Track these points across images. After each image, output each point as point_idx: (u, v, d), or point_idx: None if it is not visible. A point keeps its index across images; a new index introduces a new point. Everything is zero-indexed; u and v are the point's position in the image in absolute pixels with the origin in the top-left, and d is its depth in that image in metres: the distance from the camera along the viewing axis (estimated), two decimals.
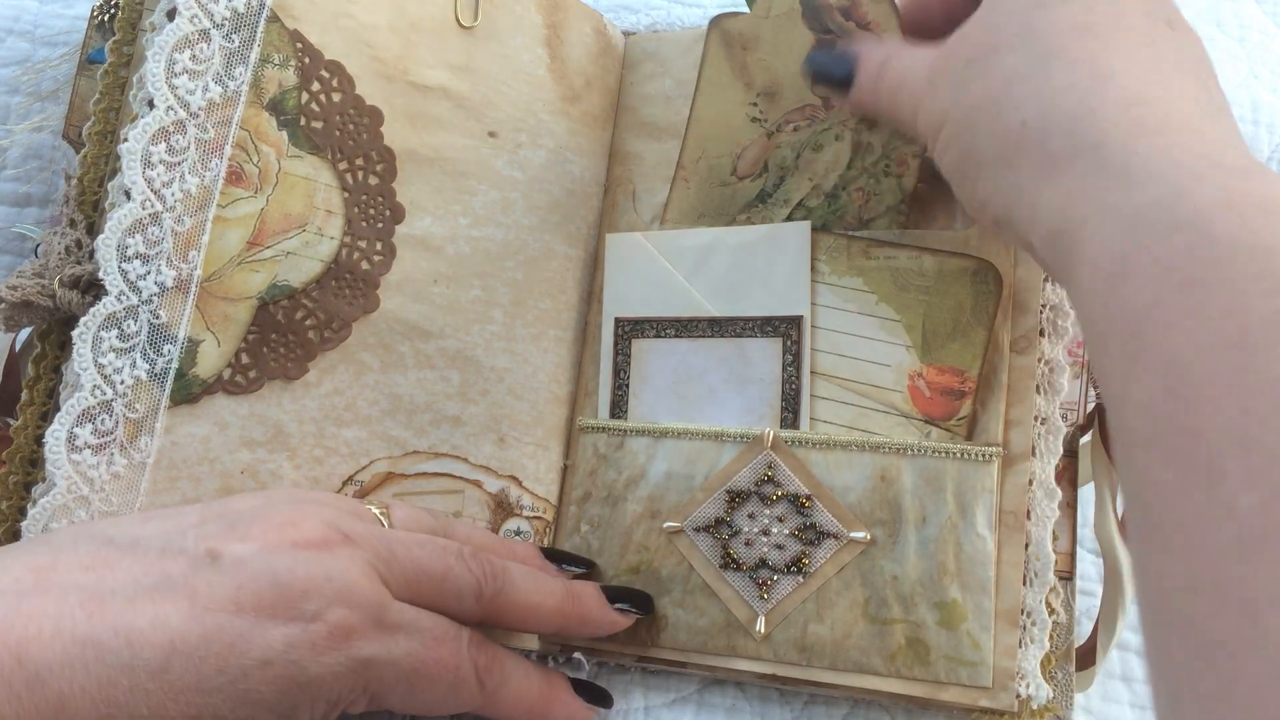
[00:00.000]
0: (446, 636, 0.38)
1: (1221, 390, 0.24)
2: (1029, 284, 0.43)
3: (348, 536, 0.37)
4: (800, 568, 0.43)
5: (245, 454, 0.41)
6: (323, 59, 0.43)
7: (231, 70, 0.41)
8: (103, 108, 0.42)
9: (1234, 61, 0.53)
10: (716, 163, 0.48)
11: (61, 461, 0.38)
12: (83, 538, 0.35)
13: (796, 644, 0.42)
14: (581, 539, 0.47)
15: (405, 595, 0.37)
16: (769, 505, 0.44)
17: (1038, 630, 0.41)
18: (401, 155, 0.45)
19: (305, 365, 0.42)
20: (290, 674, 0.34)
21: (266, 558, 0.34)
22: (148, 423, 0.39)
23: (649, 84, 0.52)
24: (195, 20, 0.40)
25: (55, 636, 0.31)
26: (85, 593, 0.33)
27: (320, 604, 0.34)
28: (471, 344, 0.46)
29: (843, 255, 0.45)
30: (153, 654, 0.32)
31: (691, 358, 0.47)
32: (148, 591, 0.33)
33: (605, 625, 0.43)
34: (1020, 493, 0.41)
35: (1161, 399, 0.25)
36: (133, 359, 0.39)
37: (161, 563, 0.34)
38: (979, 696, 0.40)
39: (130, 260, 0.39)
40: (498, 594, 0.40)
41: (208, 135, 0.40)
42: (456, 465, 0.45)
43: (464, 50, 0.47)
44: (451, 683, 0.38)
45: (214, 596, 0.33)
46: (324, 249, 0.43)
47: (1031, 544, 0.41)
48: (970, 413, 0.42)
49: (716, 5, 0.57)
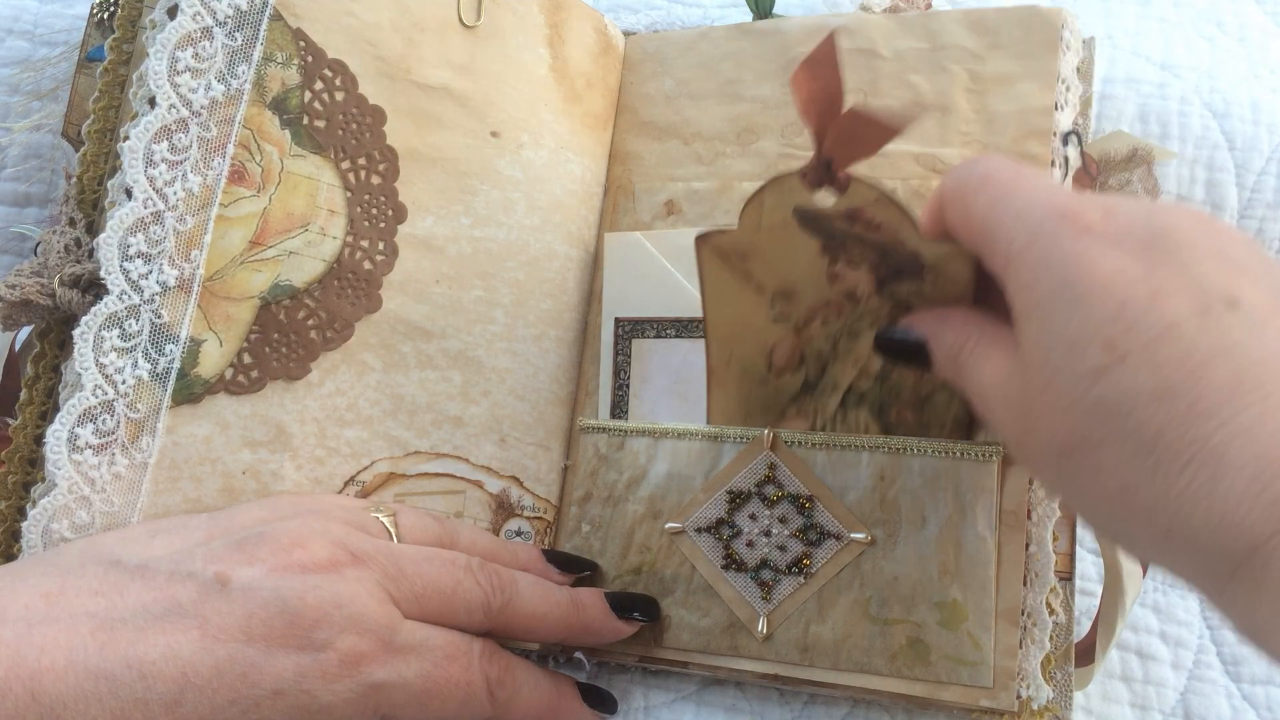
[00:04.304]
0: (458, 653, 0.38)
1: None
2: None
3: (356, 556, 0.36)
4: (802, 568, 0.43)
5: (247, 454, 0.41)
6: (325, 58, 0.43)
7: (234, 68, 0.41)
8: (102, 106, 0.42)
9: (1234, 61, 0.53)
10: (748, 363, 0.44)
11: (63, 462, 0.38)
12: (90, 559, 0.35)
13: (798, 644, 0.42)
14: (583, 539, 0.47)
15: (414, 612, 0.37)
16: (770, 506, 0.44)
17: (1038, 630, 0.41)
18: (404, 155, 0.44)
19: (307, 365, 0.42)
20: (302, 703, 0.34)
21: (276, 584, 0.34)
22: (149, 423, 0.39)
23: (649, 84, 0.52)
24: (198, 18, 0.40)
25: (68, 669, 0.31)
26: (96, 621, 0.33)
27: (331, 632, 0.34)
28: (473, 344, 0.46)
29: None
30: (166, 687, 0.32)
31: (692, 358, 0.47)
32: (158, 620, 0.33)
33: (609, 634, 0.43)
34: (1020, 492, 0.42)
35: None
36: (134, 359, 0.39)
37: (171, 588, 0.34)
38: (979, 696, 0.40)
39: (132, 259, 0.39)
40: (505, 606, 0.40)
41: (210, 134, 0.40)
42: (458, 466, 0.45)
43: (466, 50, 0.46)
44: (463, 699, 0.38)
45: (224, 625, 0.33)
46: (326, 249, 0.42)
47: (1032, 544, 0.41)
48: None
49: (717, 5, 0.57)
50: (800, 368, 0.44)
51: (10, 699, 0.30)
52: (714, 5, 0.57)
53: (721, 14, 0.57)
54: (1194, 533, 0.28)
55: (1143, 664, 0.47)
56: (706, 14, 0.57)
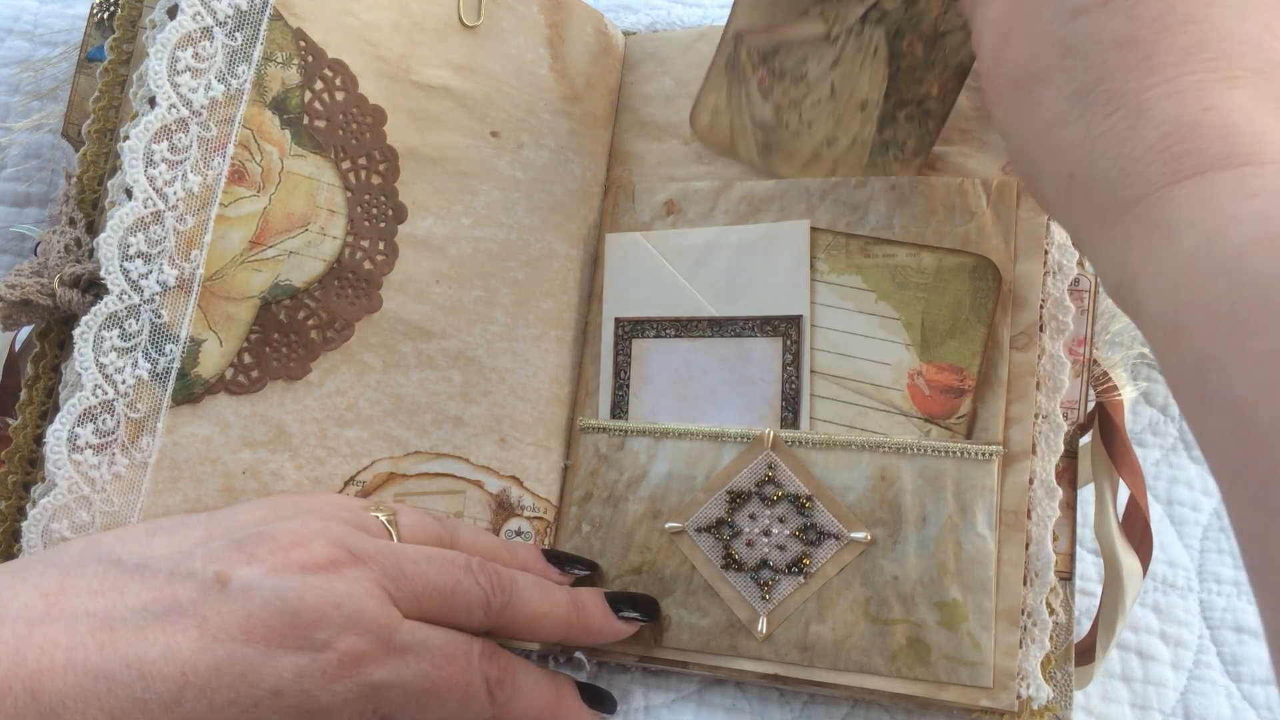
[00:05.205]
0: (458, 654, 0.38)
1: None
2: (1029, 279, 0.43)
3: (355, 556, 0.36)
4: (801, 568, 0.43)
5: (247, 454, 0.41)
6: (326, 58, 0.43)
7: (234, 68, 0.41)
8: (102, 105, 0.42)
9: None
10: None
11: (63, 461, 0.38)
12: (90, 558, 0.35)
13: (798, 644, 0.42)
14: (583, 539, 0.47)
15: (414, 612, 0.37)
16: (770, 506, 0.44)
17: (1038, 630, 0.41)
18: (404, 155, 0.44)
19: (307, 365, 0.42)
20: (301, 703, 0.34)
21: (275, 583, 0.34)
22: (149, 422, 0.39)
23: (649, 84, 0.52)
24: (198, 18, 0.40)
25: (68, 669, 0.31)
26: (95, 620, 0.33)
27: (330, 632, 0.34)
28: (473, 344, 0.46)
29: (841, 253, 0.45)
30: (165, 687, 0.32)
31: (692, 358, 0.47)
32: (157, 620, 0.33)
33: (609, 634, 0.43)
34: (1020, 491, 0.42)
35: (1233, 445, 0.25)
36: (134, 358, 0.39)
37: (170, 587, 0.34)
38: (979, 696, 0.40)
39: (132, 259, 0.39)
40: (505, 606, 0.40)
41: (210, 133, 0.40)
42: (458, 466, 0.45)
43: (467, 50, 0.46)
44: (462, 700, 0.38)
45: (224, 625, 0.33)
46: (326, 249, 0.42)
47: (1032, 543, 0.41)
48: (970, 410, 0.42)
49: (717, 5, 0.57)
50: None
51: (10, 698, 0.30)
52: (714, 5, 0.57)
53: (721, 14, 0.56)
54: (1094, 176, 0.30)
55: (1143, 664, 0.47)
56: (706, 14, 0.57)
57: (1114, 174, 0.30)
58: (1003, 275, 0.43)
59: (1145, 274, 0.29)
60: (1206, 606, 0.49)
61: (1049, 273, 0.43)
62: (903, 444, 0.43)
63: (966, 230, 0.44)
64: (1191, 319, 0.27)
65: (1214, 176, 0.28)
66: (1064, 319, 0.43)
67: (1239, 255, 0.26)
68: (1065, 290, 0.43)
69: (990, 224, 0.43)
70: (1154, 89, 0.30)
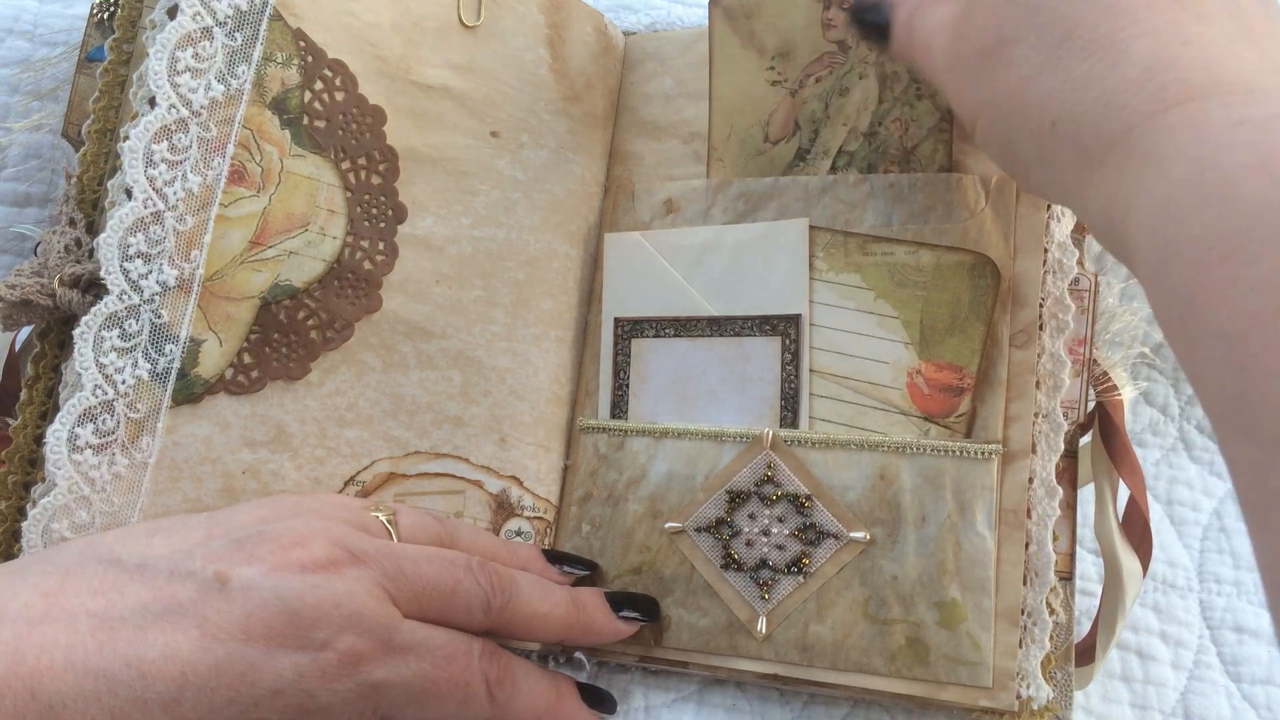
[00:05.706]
0: (458, 653, 0.38)
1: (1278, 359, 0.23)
2: (1028, 277, 0.43)
3: (355, 555, 0.36)
4: (801, 568, 0.43)
5: (247, 454, 0.41)
6: (325, 58, 0.43)
7: (234, 68, 0.41)
8: (102, 106, 0.42)
9: None
10: (747, 135, 0.48)
11: (63, 461, 0.38)
12: (90, 557, 0.35)
13: (797, 644, 0.42)
14: (583, 539, 0.47)
15: (414, 612, 0.37)
16: (769, 505, 0.44)
17: (1038, 630, 0.41)
18: (404, 155, 0.45)
19: (307, 365, 0.42)
20: (301, 703, 0.34)
21: (275, 583, 0.34)
22: (149, 423, 0.39)
23: (649, 84, 0.52)
24: (198, 18, 0.40)
25: (67, 668, 0.31)
26: (95, 620, 0.33)
27: (330, 632, 0.34)
28: (473, 344, 0.46)
29: (840, 251, 0.45)
30: (165, 686, 0.32)
31: (691, 357, 0.47)
32: (157, 619, 0.33)
33: (609, 634, 0.43)
34: (1020, 490, 0.42)
35: (1224, 377, 0.24)
36: (134, 359, 0.39)
37: (170, 587, 0.34)
38: (979, 696, 0.40)
39: (132, 259, 0.39)
40: (505, 606, 0.40)
41: (210, 134, 0.40)
42: (458, 466, 0.45)
43: (466, 50, 0.46)
44: (462, 699, 0.38)
45: (223, 625, 0.33)
46: (326, 249, 0.42)
47: (1032, 543, 0.41)
48: (969, 409, 0.42)
49: None
50: (794, 135, 0.47)
51: (9, 697, 0.30)
52: None
53: None
54: (1079, 117, 0.31)
55: (1143, 664, 0.47)
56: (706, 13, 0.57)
57: (1099, 111, 0.30)
58: (1002, 273, 0.43)
59: (1135, 207, 0.29)
60: (1206, 606, 0.49)
61: (1049, 271, 0.43)
62: (902, 443, 0.43)
63: (965, 228, 0.44)
64: (1182, 250, 0.26)
65: (1202, 104, 0.28)
66: (1064, 317, 0.43)
67: (1230, 183, 0.26)
68: (1065, 288, 0.43)
69: (989, 221, 0.43)
70: (1128, 29, 0.30)
